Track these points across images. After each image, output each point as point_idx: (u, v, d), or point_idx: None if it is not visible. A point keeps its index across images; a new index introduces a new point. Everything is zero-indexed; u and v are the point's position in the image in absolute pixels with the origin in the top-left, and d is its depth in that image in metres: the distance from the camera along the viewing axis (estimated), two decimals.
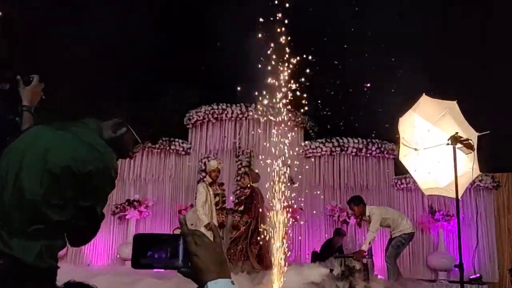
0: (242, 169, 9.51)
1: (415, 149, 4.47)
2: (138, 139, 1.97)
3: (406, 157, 4.64)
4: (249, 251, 6.76)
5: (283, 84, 8.99)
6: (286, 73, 8.94)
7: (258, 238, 6.93)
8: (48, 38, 8.98)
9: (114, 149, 1.80)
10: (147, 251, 0.98)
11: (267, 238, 7.04)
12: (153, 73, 12.21)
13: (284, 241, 8.29)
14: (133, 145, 1.98)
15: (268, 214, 8.29)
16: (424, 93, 4.49)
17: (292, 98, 9.31)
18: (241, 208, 7.02)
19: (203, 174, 9.34)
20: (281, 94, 9.08)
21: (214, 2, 10.22)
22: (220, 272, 0.91)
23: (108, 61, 9.47)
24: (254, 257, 6.83)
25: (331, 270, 6.14)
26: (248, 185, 7.22)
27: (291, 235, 9.45)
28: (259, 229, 7.09)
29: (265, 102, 9.70)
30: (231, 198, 8.59)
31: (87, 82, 8.78)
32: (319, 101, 10.99)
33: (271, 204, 9.31)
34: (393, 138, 7.93)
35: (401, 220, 6.48)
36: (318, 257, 8.07)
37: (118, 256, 9.34)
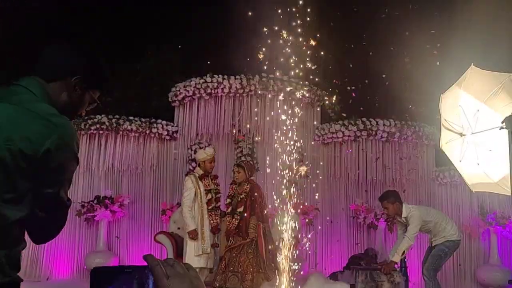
0: (243, 158, 9.65)
1: (461, 134, 4.55)
2: (96, 100, 2.03)
3: (449, 144, 4.73)
4: (261, 261, 6.92)
5: (295, 51, 9.09)
6: (300, 37, 9.04)
7: (270, 244, 7.08)
8: None
9: (65, 113, 1.80)
10: None
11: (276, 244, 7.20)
12: (126, 27, 12.29)
13: (295, 251, 8.49)
14: (88, 105, 2.01)
15: (275, 214, 8.47)
16: (472, 64, 4.54)
17: (307, 69, 9.42)
18: (241, 209, 7.12)
19: (193, 164, 9.51)
20: (293, 63, 9.18)
21: None
22: None
23: None
24: (270, 266, 7.02)
25: (352, 287, 6.29)
26: (244, 180, 7.30)
27: (306, 244, 9.65)
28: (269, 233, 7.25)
29: (273, 74, 9.85)
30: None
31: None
32: (342, 73, 11.11)
33: (276, 203, 9.50)
34: (434, 120, 8.05)
35: (445, 225, 6.59)
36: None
37: (85, 267, 9.53)
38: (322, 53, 8.55)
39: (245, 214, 7.05)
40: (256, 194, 7.24)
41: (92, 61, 2.02)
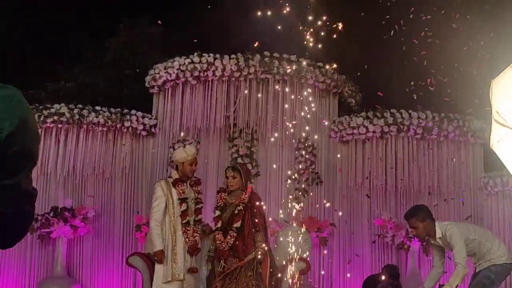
0: (239, 159, 9.62)
1: None
2: None
3: (502, 142, 4.65)
4: None
5: (306, 24, 9.04)
6: (311, 7, 9.00)
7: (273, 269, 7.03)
8: None
9: None
10: None
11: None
12: None
13: (304, 278, 8.46)
14: None
15: (279, 231, 8.42)
16: None
17: (322, 47, 9.36)
18: (238, 224, 7.04)
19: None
20: (303, 39, 9.13)
21: None
22: None
23: None
24: None
25: None
26: (240, 187, 7.21)
27: (322, 270, 9.62)
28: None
29: (278, 53, 9.82)
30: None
31: None
32: (365, 54, 11.08)
33: (281, 216, 9.48)
34: (483, 112, 8.00)
35: (490, 245, 6.52)
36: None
37: None
38: (339, 26, 8.49)
39: (244, 231, 6.98)
40: (257, 204, 7.16)
41: None
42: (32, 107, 9.35)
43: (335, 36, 8.69)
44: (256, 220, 6.96)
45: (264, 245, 6.85)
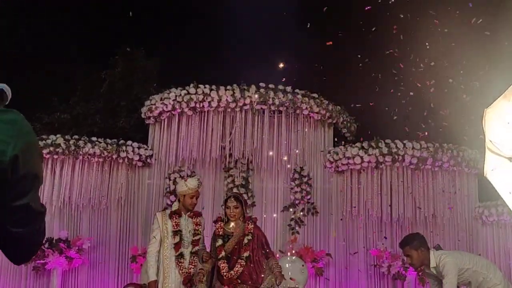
0: (235, 189, 9.65)
1: (510, 159, 4.55)
2: None
3: (495, 171, 4.73)
4: None
5: (303, 57, 9.18)
6: (308, 40, 9.15)
7: None
8: None
9: None
10: None
11: None
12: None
13: None
14: None
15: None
16: None
17: (317, 79, 9.51)
18: (246, 253, 7.08)
19: (172, 198, 9.51)
20: (299, 71, 9.27)
21: None
22: None
23: None
24: None
25: None
26: (241, 218, 7.25)
27: None
28: None
29: (273, 84, 9.92)
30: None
31: None
32: (360, 83, 11.20)
33: (277, 247, 9.51)
34: (477, 142, 8.09)
35: (486, 272, 6.53)
36: None
37: None
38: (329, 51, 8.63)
39: (252, 260, 7.01)
40: (260, 234, 7.23)
41: None
42: None
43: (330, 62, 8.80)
44: (267, 250, 7.04)
45: (278, 272, 6.88)
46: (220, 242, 7.08)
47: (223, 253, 7.05)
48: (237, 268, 6.93)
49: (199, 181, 7.17)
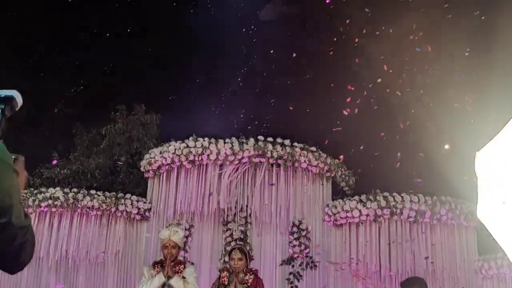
0: (233, 243, 9.66)
1: (503, 203, 4.61)
2: None
3: (487, 214, 4.78)
4: None
5: (300, 112, 9.36)
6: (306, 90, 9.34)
7: None
8: None
9: None
10: None
11: None
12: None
13: None
14: None
15: None
16: None
17: (314, 133, 9.63)
18: None
19: None
20: (298, 123, 9.41)
21: None
22: None
23: None
24: None
25: None
26: (244, 269, 7.33)
27: None
28: None
29: (272, 137, 10.04)
30: None
31: None
32: (357, 140, 11.35)
33: None
34: (474, 195, 8.14)
35: None
36: None
37: None
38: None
39: None
40: (256, 282, 7.26)
41: None
42: (26, 192, 9.52)
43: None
44: None
45: None
46: None
47: None
48: None
49: (171, 231, 7.15)
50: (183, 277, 7.07)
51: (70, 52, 15.02)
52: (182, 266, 7.26)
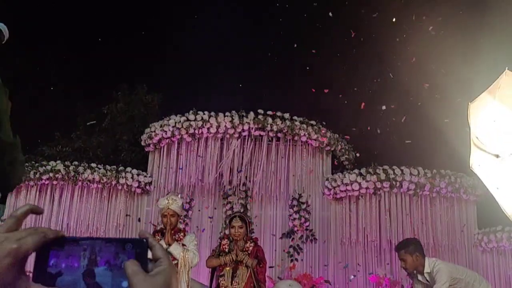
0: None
1: (496, 156, 4.65)
2: None
3: (482, 166, 4.83)
4: None
5: (301, 84, 9.38)
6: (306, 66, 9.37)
7: None
8: None
9: None
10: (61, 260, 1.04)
11: None
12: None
13: None
14: None
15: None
16: (507, 68, 4.68)
17: (315, 106, 9.65)
18: (243, 270, 7.21)
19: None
20: (298, 98, 9.43)
21: None
22: None
23: None
24: None
25: None
26: (245, 237, 7.37)
27: None
28: None
29: (272, 111, 10.07)
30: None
31: None
32: (357, 113, 11.36)
33: (274, 272, 9.51)
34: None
35: (479, 286, 6.59)
36: None
37: None
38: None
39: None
40: (259, 256, 7.30)
41: None
42: (27, 164, 9.58)
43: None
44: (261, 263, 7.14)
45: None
46: (222, 259, 7.19)
47: (224, 270, 7.16)
48: (234, 286, 7.03)
49: (170, 200, 7.14)
50: (183, 245, 7.12)
51: (72, 33, 15.04)
52: (182, 234, 7.30)
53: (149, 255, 1.09)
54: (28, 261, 1.02)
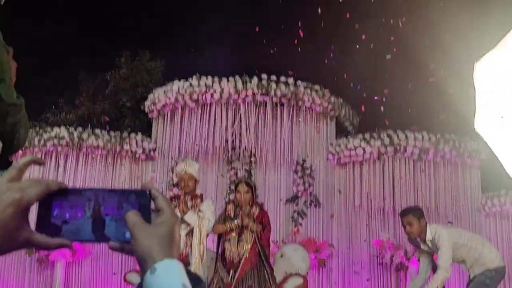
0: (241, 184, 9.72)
1: (502, 117, 4.63)
2: None
3: (486, 128, 4.81)
4: None
5: (305, 49, 9.32)
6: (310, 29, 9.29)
7: None
8: None
9: None
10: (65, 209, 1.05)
11: None
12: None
13: None
14: None
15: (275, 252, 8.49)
16: None
17: (319, 71, 9.60)
18: (248, 236, 7.25)
19: (175, 190, 9.59)
20: (303, 62, 9.38)
21: None
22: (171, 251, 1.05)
23: None
24: None
25: None
26: (250, 203, 7.40)
27: None
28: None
29: (276, 75, 10.03)
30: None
31: None
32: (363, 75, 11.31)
33: (279, 237, 9.58)
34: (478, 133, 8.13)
35: (481, 249, 6.58)
36: None
37: None
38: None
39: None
40: (264, 221, 7.33)
41: None
42: (32, 131, 9.58)
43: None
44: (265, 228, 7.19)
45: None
46: (228, 225, 7.22)
47: (230, 235, 7.20)
48: (239, 250, 7.08)
49: (186, 163, 7.21)
50: (200, 211, 7.16)
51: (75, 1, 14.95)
52: (199, 200, 7.33)
53: (152, 206, 1.09)
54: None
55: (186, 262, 7.04)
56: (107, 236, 1.06)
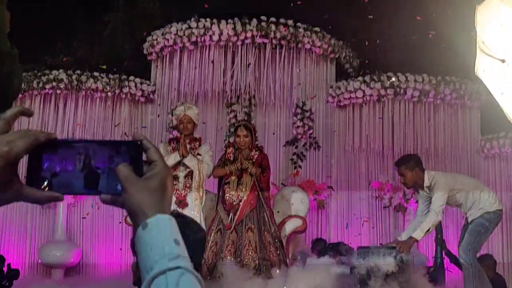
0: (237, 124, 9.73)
1: (502, 61, 4.60)
2: None
3: (487, 72, 4.79)
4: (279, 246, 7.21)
5: None
6: None
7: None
8: None
9: None
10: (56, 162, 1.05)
11: None
12: None
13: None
14: None
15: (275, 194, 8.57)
16: None
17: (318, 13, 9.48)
18: (247, 179, 7.32)
19: (175, 133, 9.60)
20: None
21: None
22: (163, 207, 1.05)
23: None
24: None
25: (353, 270, 6.35)
26: (250, 146, 7.44)
27: (319, 233, 9.77)
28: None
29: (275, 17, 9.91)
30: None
31: None
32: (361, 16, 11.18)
33: (278, 179, 9.66)
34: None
35: (480, 192, 6.65)
36: (326, 249, 8.32)
37: (39, 261, 9.66)
38: None
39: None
40: (264, 164, 7.39)
41: None
42: (30, 74, 9.53)
43: None
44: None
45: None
46: (227, 168, 7.27)
47: (230, 179, 7.27)
48: (238, 193, 7.16)
49: (186, 106, 7.39)
50: (198, 154, 7.23)
51: None
52: (198, 143, 7.40)
53: (144, 157, 1.09)
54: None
55: (184, 203, 7.15)
56: (98, 189, 1.06)
